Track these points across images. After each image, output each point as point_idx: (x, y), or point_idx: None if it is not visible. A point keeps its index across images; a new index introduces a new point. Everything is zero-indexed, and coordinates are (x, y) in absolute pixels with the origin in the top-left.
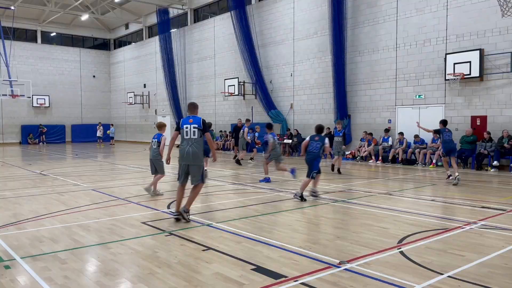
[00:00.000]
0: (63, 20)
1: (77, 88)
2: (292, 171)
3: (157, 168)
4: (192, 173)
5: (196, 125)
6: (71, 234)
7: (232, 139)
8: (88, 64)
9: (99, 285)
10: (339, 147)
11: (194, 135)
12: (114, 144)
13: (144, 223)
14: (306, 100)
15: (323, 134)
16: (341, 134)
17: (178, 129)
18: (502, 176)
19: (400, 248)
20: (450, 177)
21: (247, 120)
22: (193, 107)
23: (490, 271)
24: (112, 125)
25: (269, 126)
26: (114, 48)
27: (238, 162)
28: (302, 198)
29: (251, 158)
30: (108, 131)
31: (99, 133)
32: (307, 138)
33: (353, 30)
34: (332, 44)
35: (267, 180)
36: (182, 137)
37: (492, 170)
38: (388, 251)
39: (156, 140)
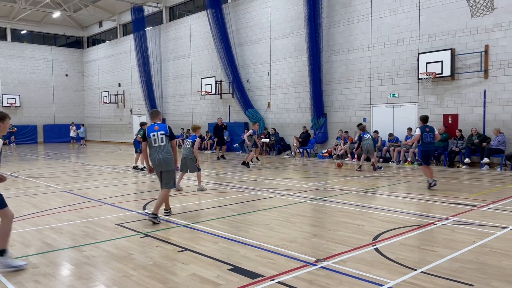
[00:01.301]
0: (34, 17)
1: (49, 87)
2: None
3: (188, 167)
4: (165, 179)
5: (163, 132)
6: (43, 237)
7: (210, 139)
8: (60, 62)
9: None
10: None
11: (162, 142)
12: (85, 144)
13: (119, 224)
14: (283, 99)
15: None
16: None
17: (145, 138)
18: (473, 173)
19: (375, 245)
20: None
21: (255, 123)
22: (155, 114)
23: (462, 266)
24: (83, 125)
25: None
26: (88, 46)
27: (246, 163)
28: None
29: (257, 158)
30: (78, 131)
31: (72, 133)
32: (418, 131)
33: (329, 29)
34: (308, 44)
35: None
36: (150, 145)
37: (464, 167)
38: (363, 248)
39: (190, 140)
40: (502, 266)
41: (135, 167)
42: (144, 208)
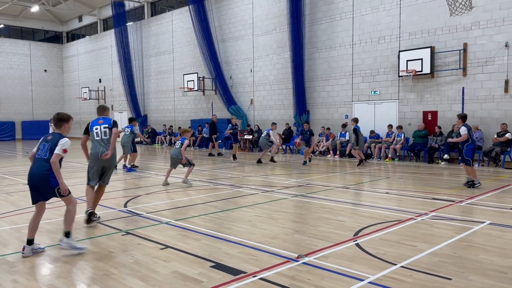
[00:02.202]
0: (12, 11)
1: (27, 83)
2: None
3: (173, 164)
4: (108, 174)
5: (106, 125)
6: (21, 236)
7: (201, 135)
8: (39, 57)
9: None
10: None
11: (105, 135)
12: None
13: (99, 222)
14: (266, 96)
15: None
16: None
17: (87, 132)
18: (452, 169)
19: (356, 240)
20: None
21: (273, 124)
22: (102, 109)
23: (440, 260)
24: None
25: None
26: (67, 41)
27: (260, 161)
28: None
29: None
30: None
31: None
32: (464, 130)
33: (311, 26)
34: (291, 40)
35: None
36: (93, 139)
37: (443, 163)
38: (344, 244)
39: (180, 142)
40: (479, 260)
41: (134, 166)
42: (125, 206)
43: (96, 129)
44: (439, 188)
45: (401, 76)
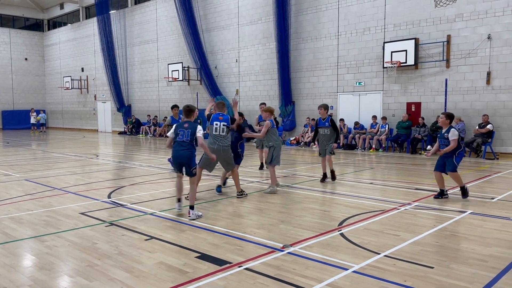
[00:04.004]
0: None
1: (7, 72)
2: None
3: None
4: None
5: (225, 123)
6: (2, 227)
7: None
8: (19, 46)
9: (33, 280)
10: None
11: (222, 132)
12: (45, 131)
13: (82, 213)
14: (251, 86)
15: None
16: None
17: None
18: (434, 160)
19: (341, 230)
20: None
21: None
22: (221, 105)
23: (423, 249)
24: (43, 111)
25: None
26: (48, 29)
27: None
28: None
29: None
30: (38, 117)
31: (33, 120)
32: (457, 135)
33: (297, 17)
34: (277, 31)
35: None
36: (211, 133)
37: (425, 153)
38: (329, 234)
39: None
40: (460, 249)
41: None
42: (109, 197)
43: (216, 124)
44: (422, 178)
45: (386, 67)
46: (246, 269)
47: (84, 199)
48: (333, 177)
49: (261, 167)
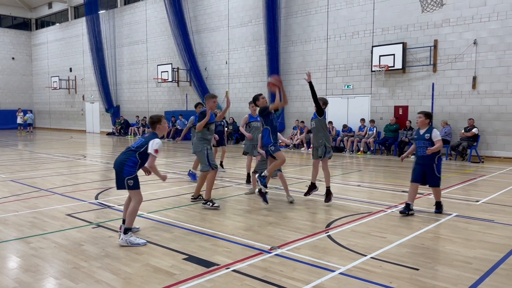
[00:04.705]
0: None
1: None
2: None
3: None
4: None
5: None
6: None
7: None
8: (6, 45)
9: (18, 283)
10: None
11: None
12: (32, 131)
13: (69, 215)
14: (241, 88)
15: None
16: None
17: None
18: None
19: (328, 232)
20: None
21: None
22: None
23: (409, 251)
24: (30, 111)
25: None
26: (36, 29)
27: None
28: None
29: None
30: (25, 117)
31: (19, 120)
32: (439, 136)
33: (286, 19)
34: (266, 33)
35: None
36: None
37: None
38: (316, 236)
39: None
40: (445, 251)
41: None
42: (96, 198)
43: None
44: (408, 181)
45: (374, 71)
46: (234, 271)
47: (71, 200)
48: (328, 196)
49: (248, 180)
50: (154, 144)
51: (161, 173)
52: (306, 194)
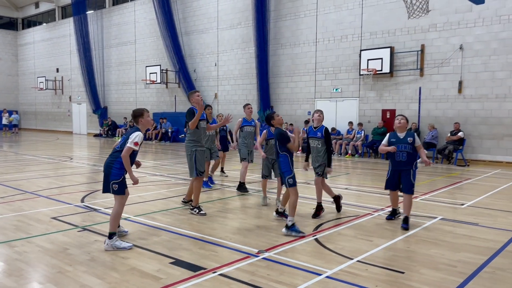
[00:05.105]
0: None
1: None
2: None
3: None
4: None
5: None
6: None
7: (155, 129)
8: None
9: (1, 287)
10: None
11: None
12: (17, 132)
13: (54, 218)
14: (230, 91)
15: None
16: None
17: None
18: None
19: (315, 235)
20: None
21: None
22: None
23: (394, 254)
24: (16, 112)
25: None
26: (22, 28)
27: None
28: None
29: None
30: (10, 118)
31: (5, 121)
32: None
33: (276, 22)
34: (256, 36)
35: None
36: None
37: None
38: (304, 239)
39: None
40: (430, 254)
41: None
42: (82, 201)
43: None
44: None
45: (362, 74)
46: (221, 274)
47: (57, 203)
48: (338, 206)
49: (239, 188)
50: (134, 137)
51: (134, 176)
52: (314, 216)
